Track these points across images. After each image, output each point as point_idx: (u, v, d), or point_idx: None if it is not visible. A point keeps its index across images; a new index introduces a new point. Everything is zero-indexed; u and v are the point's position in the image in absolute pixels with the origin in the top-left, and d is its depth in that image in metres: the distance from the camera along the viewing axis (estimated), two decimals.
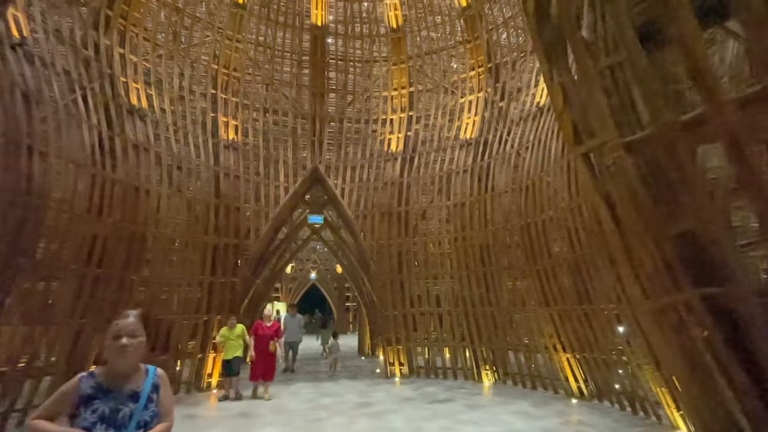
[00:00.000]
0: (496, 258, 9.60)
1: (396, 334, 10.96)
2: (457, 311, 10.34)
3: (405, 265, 11.04)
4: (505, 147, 9.97)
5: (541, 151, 8.71)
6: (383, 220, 11.44)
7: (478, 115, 11.44)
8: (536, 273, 8.49)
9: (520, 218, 8.91)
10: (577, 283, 7.50)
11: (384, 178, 11.87)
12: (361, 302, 15.92)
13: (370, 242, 11.35)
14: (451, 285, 10.48)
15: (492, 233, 9.73)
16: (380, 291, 11.14)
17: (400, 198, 11.51)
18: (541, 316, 8.50)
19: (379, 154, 12.35)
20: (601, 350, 7.32)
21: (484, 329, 9.82)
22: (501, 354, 9.65)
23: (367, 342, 15.92)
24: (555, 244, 7.94)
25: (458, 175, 10.82)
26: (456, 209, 10.58)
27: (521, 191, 9.01)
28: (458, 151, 11.18)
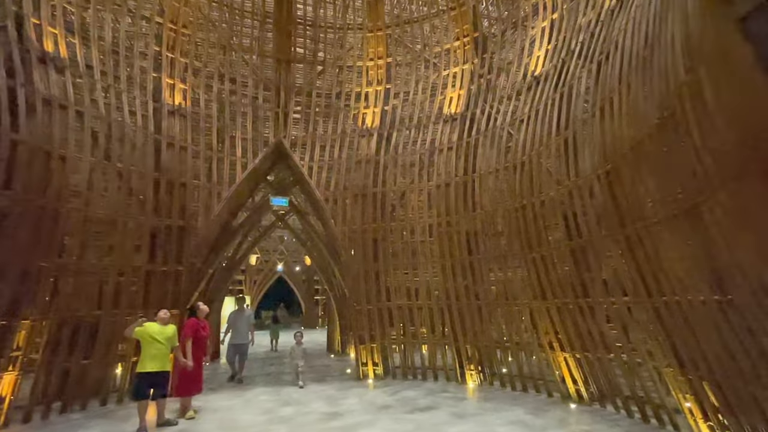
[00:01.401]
0: (484, 245, 8.51)
1: (370, 330, 9.73)
2: (439, 305, 9.22)
3: (381, 254, 9.80)
4: (495, 122, 8.86)
5: (538, 125, 7.66)
6: (357, 203, 10.12)
7: (463, 88, 10.29)
8: (531, 262, 7.46)
9: (513, 200, 7.84)
10: (582, 274, 6.51)
11: (358, 156, 10.54)
12: (331, 295, 14.61)
13: (341, 228, 10.02)
14: (432, 276, 9.33)
15: (480, 218, 8.63)
16: (352, 283, 9.86)
17: (375, 178, 10.22)
18: (536, 310, 7.50)
19: (352, 130, 10.99)
20: (608, 349, 6.38)
21: (469, 325, 8.76)
22: (488, 353, 8.62)
23: (337, 338, 14.64)
24: (556, 229, 6.91)
25: (442, 153, 9.65)
26: (439, 191, 9.41)
27: (514, 170, 7.94)
28: (441, 127, 10.00)
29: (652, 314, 5.31)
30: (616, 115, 5.51)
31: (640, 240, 5.23)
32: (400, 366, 9.70)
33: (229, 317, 9.68)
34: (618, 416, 6.35)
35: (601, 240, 6.05)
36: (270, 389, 8.81)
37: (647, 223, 5.05)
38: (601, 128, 5.87)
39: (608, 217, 5.76)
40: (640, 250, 5.27)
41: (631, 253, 5.46)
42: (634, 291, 5.54)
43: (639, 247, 5.28)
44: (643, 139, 4.83)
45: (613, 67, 5.79)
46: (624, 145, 5.29)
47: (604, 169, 5.74)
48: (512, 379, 8.20)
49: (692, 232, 4.22)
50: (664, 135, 4.41)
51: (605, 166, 5.72)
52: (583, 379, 6.90)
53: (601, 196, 5.84)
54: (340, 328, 14.54)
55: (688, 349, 4.89)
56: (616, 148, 5.49)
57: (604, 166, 5.74)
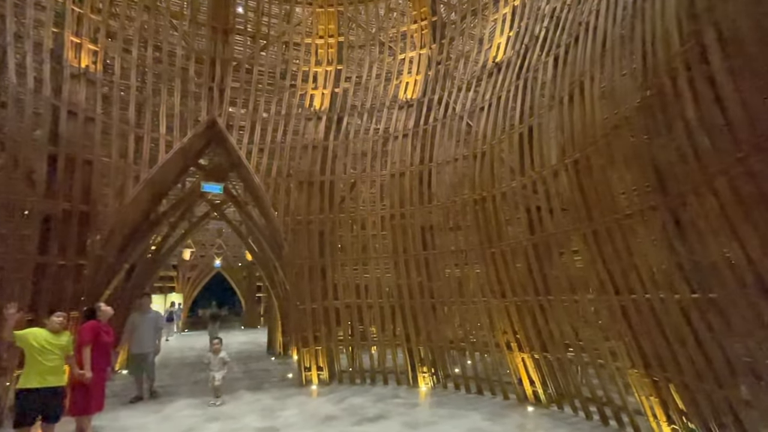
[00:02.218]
0: (440, 240, 7.96)
1: (314, 331, 8.85)
2: (391, 303, 8.55)
3: (328, 248, 8.93)
4: (453, 110, 8.33)
5: (500, 113, 7.21)
6: (302, 192, 9.16)
7: (420, 74, 9.68)
8: (490, 257, 7.01)
9: (472, 192, 7.35)
10: (543, 270, 6.13)
11: (304, 140, 9.56)
12: (273, 293, 13.46)
13: (283, 219, 9.00)
14: (384, 272, 8.64)
15: (436, 210, 8.06)
16: (295, 279, 8.90)
17: (323, 165, 9.31)
18: (495, 308, 7.07)
19: (298, 112, 9.97)
20: (569, 349, 6.06)
21: (423, 325, 8.18)
22: (442, 353, 8.10)
23: (279, 339, 13.53)
24: (517, 222, 6.49)
25: (396, 140, 8.96)
26: (393, 181, 8.72)
27: (474, 160, 7.45)
28: (396, 114, 9.31)
29: (618, 313, 4.99)
30: (587, 100, 5.12)
31: (610, 234, 4.89)
32: (347, 370, 8.92)
33: (128, 320, 7.68)
34: (577, 418, 6.07)
35: (565, 235, 5.69)
36: (196, 401, 7.63)
37: (619, 217, 4.69)
38: (569, 115, 5.48)
39: (575, 210, 5.38)
40: (609, 245, 4.92)
41: (598, 248, 5.12)
42: (600, 288, 5.20)
43: (608, 242, 4.94)
44: (619, 124, 4.44)
45: (584, 49, 5.41)
46: (596, 132, 4.90)
47: (573, 158, 5.35)
48: (467, 381, 7.75)
49: (673, 225, 3.86)
50: (645, 118, 4.02)
51: (573, 155, 5.33)
52: (541, 381, 6.57)
53: (568, 188, 5.44)
54: (282, 329, 13.46)
55: (656, 350, 4.61)
56: (586, 136, 5.11)
57: (573, 155, 5.35)
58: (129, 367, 7.61)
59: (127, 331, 7.55)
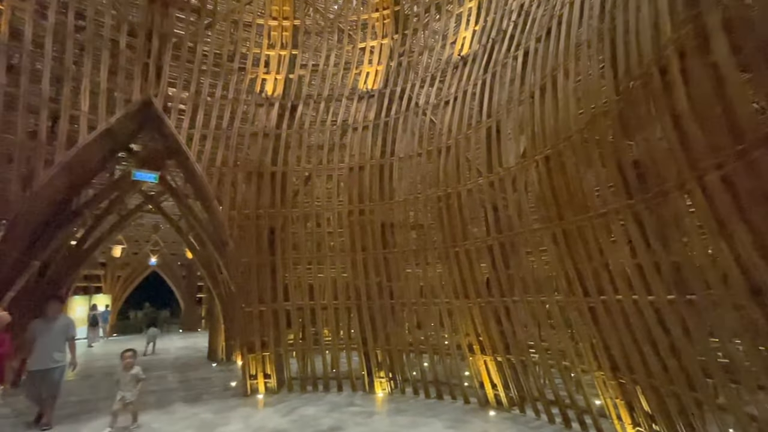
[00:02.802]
0: (401, 238, 7.54)
1: (261, 336, 8.08)
2: (347, 305, 7.99)
3: (279, 245, 8.19)
4: (417, 102, 7.94)
5: (465, 107, 6.92)
6: (250, 183, 8.33)
7: (381, 64, 9.20)
8: (454, 257, 6.69)
9: (436, 188, 6.99)
10: (509, 270, 5.90)
11: (254, 128, 8.72)
12: (215, 294, 12.36)
13: (229, 213, 8.13)
14: (341, 272, 8.07)
15: (397, 207, 7.63)
16: (241, 279, 8.07)
17: (275, 156, 8.54)
18: (457, 309, 6.76)
19: (248, 98, 9.09)
20: (533, 352, 5.88)
21: (381, 327, 7.71)
22: (401, 357, 7.68)
23: (222, 344, 12.47)
24: (482, 221, 6.21)
25: (356, 132, 8.42)
26: (352, 175, 8.17)
27: (438, 155, 7.10)
28: (356, 104, 8.76)
29: (587, 314, 4.84)
30: (560, 94, 4.92)
31: (581, 234, 4.71)
32: (297, 377, 8.23)
33: (29, 329, 5.91)
34: (539, 422, 5.90)
35: (533, 234, 5.48)
36: (119, 418, 6.58)
37: (592, 215, 4.51)
38: (540, 109, 5.26)
39: (545, 208, 5.17)
40: (580, 244, 4.74)
41: (568, 248, 4.93)
42: (569, 289, 5.02)
43: (578, 242, 4.75)
44: (596, 119, 4.24)
45: (557, 43, 5.22)
46: (570, 127, 4.70)
47: (543, 154, 5.13)
48: (426, 386, 7.39)
49: (654, 224, 3.69)
50: (626, 112, 3.82)
51: (545, 151, 5.12)
52: (503, 384, 6.35)
53: (537, 185, 5.22)
54: (225, 332, 12.40)
55: (625, 352, 4.49)
56: (558, 131, 4.90)
57: (544, 151, 5.13)
58: (26, 387, 5.97)
59: (28, 341, 6.04)
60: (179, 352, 14.87)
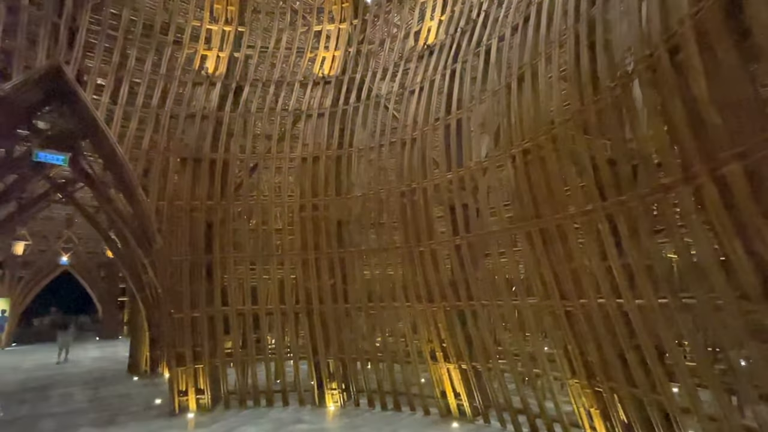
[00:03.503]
0: (359, 236, 6.83)
1: (194, 346, 6.93)
2: (296, 310, 7.10)
3: (218, 243, 7.09)
4: (379, 90, 7.29)
5: (433, 98, 6.40)
6: (185, 171, 7.15)
7: (339, 50, 8.43)
8: (418, 257, 6.12)
9: (400, 183, 6.39)
10: (478, 272, 5.44)
11: (191, 108, 7.53)
12: (139, 297, 10.73)
13: (157, 204, 6.88)
14: (290, 273, 7.16)
15: (355, 202, 6.91)
16: (171, 281, 6.86)
17: (216, 141, 7.43)
18: (420, 314, 6.19)
19: (185, 73, 7.87)
20: (501, 358, 5.47)
21: (334, 334, 6.92)
22: (354, 366, 6.95)
23: (146, 354, 10.86)
24: (448, 219, 5.71)
25: (310, 119, 7.57)
26: (305, 166, 7.31)
27: (402, 147, 6.51)
28: (311, 90, 7.91)
29: (563, 319, 4.48)
30: (542, 83, 4.54)
31: (561, 233, 4.34)
32: (236, 391, 7.17)
33: None
34: None
35: (507, 233, 5.06)
36: None
37: (574, 213, 4.16)
38: (519, 99, 4.86)
39: (520, 207, 4.77)
40: (559, 245, 4.38)
41: (545, 248, 4.56)
42: (544, 292, 4.65)
43: (557, 242, 4.39)
44: (586, 109, 3.88)
45: (536, 31, 4.85)
46: (553, 118, 4.32)
47: (521, 147, 4.72)
48: (383, 397, 6.73)
49: (651, 222, 3.36)
50: (622, 99, 3.48)
51: (522, 144, 4.71)
52: (467, 393, 5.88)
53: (513, 180, 4.81)
54: (150, 341, 10.81)
55: (603, 358, 4.18)
56: (539, 123, 4.51)
57: (522, 144, 4.73)
58: None
59: None
60: (94, 363, 12.88)
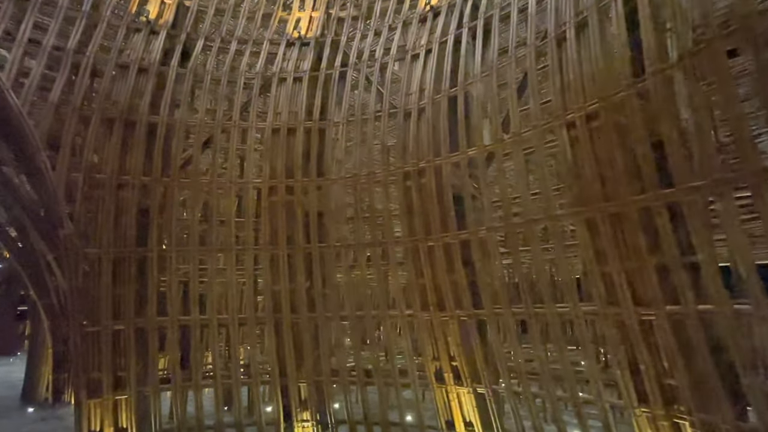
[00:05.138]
0: (344, 227, 5.28)
1: (114, 369, 4.94)
2: (259, 320, 5.35)
3: (154, 232, 5.16)
4: (372, 54, 5.84)
5: (448, 60, 5.09)
6: (111, 135, 5.15)
7: (317, 10, 6.85)
8: (426, 253, 4.72)
9: (402, 162, 4.97)
10: (517, 269, 4.18)
11: (124, 57, 5.54)
12: (41, 305, 8.17)
13: (67, 177, 4.82)
14: (254, 273, 5.40)
15: (341, 185, 5.37)
16: (85, 282, 4.80)
17: (158, 101, 5.51)
18: (424, 324, 4.78)
19: (115, 16, 5.85)
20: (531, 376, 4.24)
21: (308, 350, 5.27)
22: (333, 391, 5.35)
23: (46, 377, 8.31)
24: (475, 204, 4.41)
25: (283, 83, 5.90)
26: (276, 139, 5.63)
27: (406, 118, 5.12)
28: (284, 51, 6.24)
29: (634, 330, 3.36)
30: (616, 27, 3.43)
31: (640, 219, 3.22)
32: (173, 427, 5.23)
33: None
34: None
35: (555, 221, 3.87)
36: None
37: (670, 193, 3.06)
38: (577, 53, 3.71)
39: (577, 186, 3.60)
40: (638, 235, 3.26)
41: (614, 239, 3.42)
42: (606, 297, 3.50)
43: (636, 230, 3.27)
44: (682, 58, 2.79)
45: None
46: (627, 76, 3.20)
47: (583, 111, 3.57)
48: (370, 429, 5.18)
49: None
50: None
51: (585, 107, 3.56)
52: (483, 422, 4.55)
53: (569, 154, 3.63)
54: (54, 360, 8.29)
55: (695, 381, 3.10)
56: (610, 78, 3.38)
57: (583, 107, 3.57)
58: None
59: None
60: None
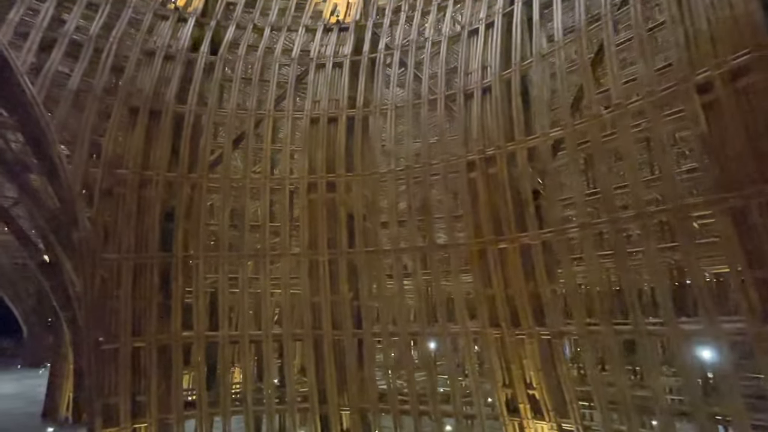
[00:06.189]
0: (395, 228, 4.46)
1: (133, 393, 4.20)
2: (296, 336, 4.54)
3: (180, 235, 4.45)
4: (420, 34, 5.08)
5: (517, 33, 4.28)
6: (135, 126, 4.51)
7: None
8: (497, 258, 3.83)
9: (465, 149, 4.13)
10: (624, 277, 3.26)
11: (150, 44, 4.96)
12: (63, 318, 7.65)
13: (85, 170, 4.19)
14: (291, 281, 4.62)
15: (391, 179, 4.56)
16: (102, 291, 4.11)
17: (185, 90, 4.86)
18: (493, 343, 3.86)
19: (143, 4, 5.31)
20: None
21: (352, 371, 4.40)
22: (380, 421, 4.45)
23: (67, 394, 7.71)
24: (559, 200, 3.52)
25: (322, 69, 5.19)
26: (316, 129, 4.90)
27: (467, 99, 4.29)
28: (321, 36, 5.56)
29: None
30: None
31: None
32: None
33: None
34: None
35: (685, 214, 2.94)
36: None
37: None
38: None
39: (719, 167, 2.69)
40: None
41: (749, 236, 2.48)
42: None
43: None
44: None
45: None
46: None
47: (722, 67, 2.67)
48: None
49: None
50: None
51: (725, 62, 2.66)
52: None
53: (704, 126, 2.73)
54: (74, 377, 7.70)
55: None
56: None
57: (724, 63, 2.67)
58: None
59: None
60: (3, 403, 9.46)
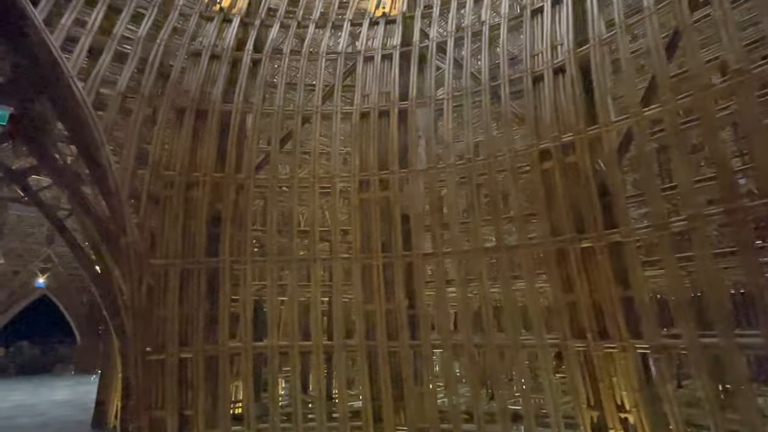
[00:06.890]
0: (456, 229, 4.00)
1: (181, 407, 3.91)
2: (349, 348, 4.14)
3: (227, 240, 4.19)
4: (477, 17, 4.67)
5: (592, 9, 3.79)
6: (181, 127, 4.34)
7: None
8: (579, 260, 3.30)
9: (526, 142, 3.65)
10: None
11: (196, 45, 4.82)
12: (111, 325, 7.60)
13: (132, 173, 4.02)
14: (342, 287, 4.25)
15: (450, 174, 4.13)
16: (149, 299, 3.89)
17: (232, 89, 4.66)
18: (573, 358, 3.30)
19: (188, 7, 5.21)
20: None
21: (410, 387, 3.94)
22: None
23: (116, 402, 7.64)
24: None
25: (370, 62, 4.87)
26: (365, 124, 4.55)
27: (535, 83, 3.82)
28: (367, 29, 5.26)
29: None
30: None
31: None
32: None
33: None
34: None
35: None
36: None
37: None
38: None
39: None
40: None
41: None
42: None
43: None
44: None
45: None
46: None
47: None
48: None
49: None
50: None
51: None
52: None
53: None
54: (123, 384, 7.58)
55: None
56: None
57: None
58: None
59: None
60: (54, 409, 9.59)
